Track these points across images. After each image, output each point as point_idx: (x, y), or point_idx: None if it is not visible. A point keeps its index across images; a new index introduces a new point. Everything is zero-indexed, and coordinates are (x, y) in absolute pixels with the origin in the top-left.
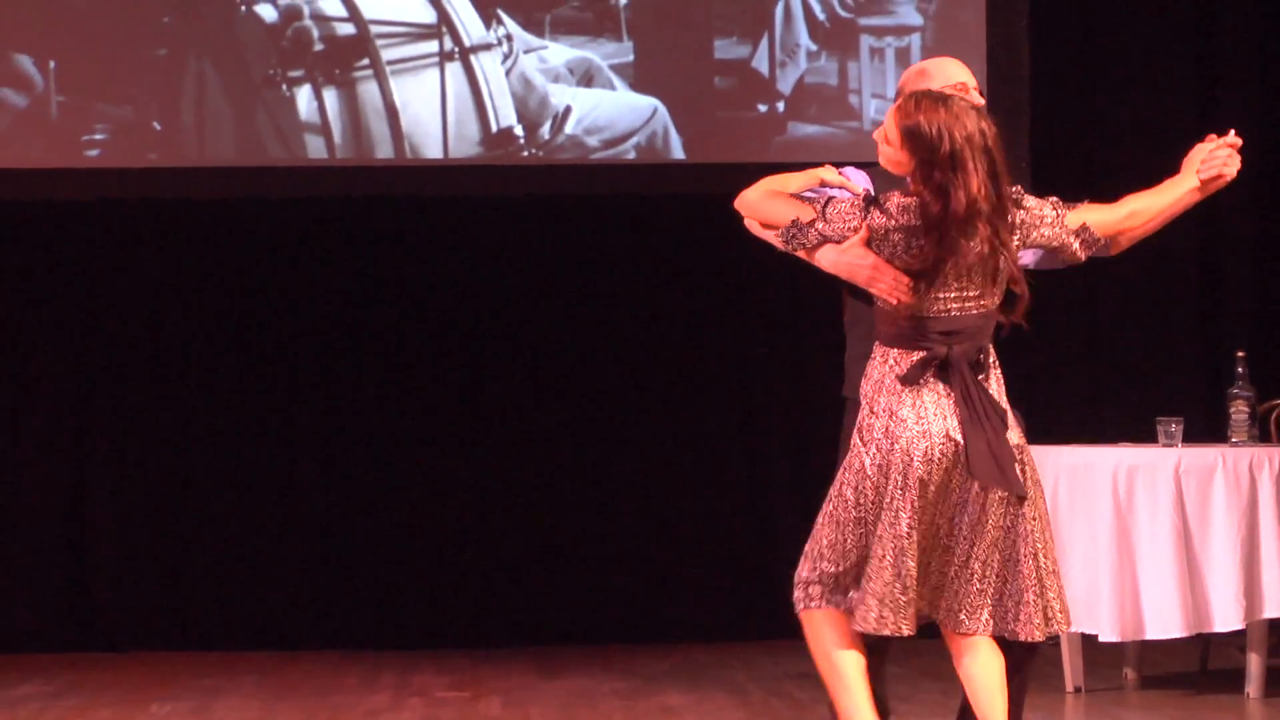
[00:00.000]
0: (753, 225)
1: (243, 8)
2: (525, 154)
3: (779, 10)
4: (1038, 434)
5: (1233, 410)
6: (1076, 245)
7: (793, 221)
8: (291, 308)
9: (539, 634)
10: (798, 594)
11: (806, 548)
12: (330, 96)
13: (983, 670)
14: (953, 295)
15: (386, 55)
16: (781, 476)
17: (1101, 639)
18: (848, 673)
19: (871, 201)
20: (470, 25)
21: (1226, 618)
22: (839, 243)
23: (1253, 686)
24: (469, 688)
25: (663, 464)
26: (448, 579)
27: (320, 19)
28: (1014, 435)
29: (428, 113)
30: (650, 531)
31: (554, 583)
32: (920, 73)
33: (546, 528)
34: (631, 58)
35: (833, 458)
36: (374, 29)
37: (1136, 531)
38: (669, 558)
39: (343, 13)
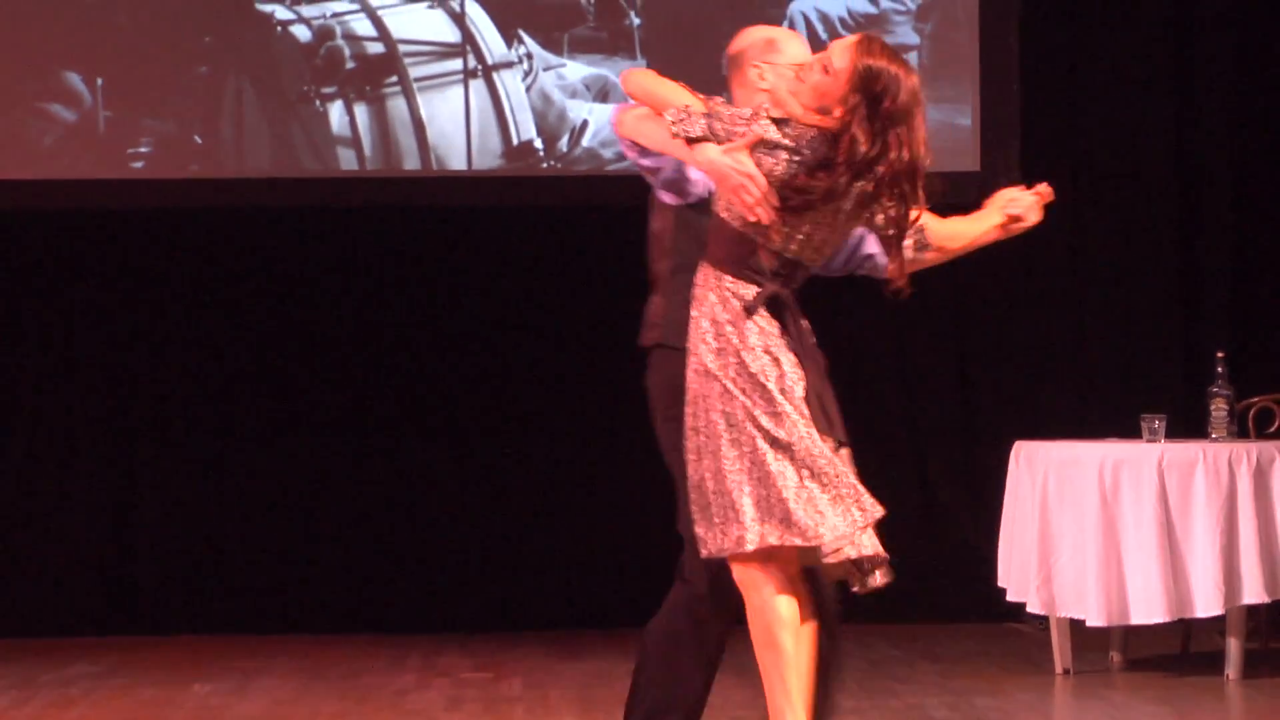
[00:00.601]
0: (638, 128)
1: (279, 28)
2: (544, 165)
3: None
4: (1029, 430)
5: (1213, 408)
6: (908, 242)
7: (685, 106)
8: (323, 310)
9: (558, 618)
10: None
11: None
12: (361, 111)
13: None
14: (802, 236)
15: (414, 73)
16: None
17: (1089, 623)
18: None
19: (773, 118)
20: (492, 44)
21: (1207, 603)
22: (721, 142)
23: (1232, 669)
24: (491, 669)
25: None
26: (472, 566)
27: (351, 38)
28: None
29: (453, 127)
30: (662, 523)
31: (572, 570)
32: (769, 42)
33: (566, 519)
34: None
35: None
36: (402, 48)
37: (1122, 522)
38: (680, 548)
39: (373, 33)
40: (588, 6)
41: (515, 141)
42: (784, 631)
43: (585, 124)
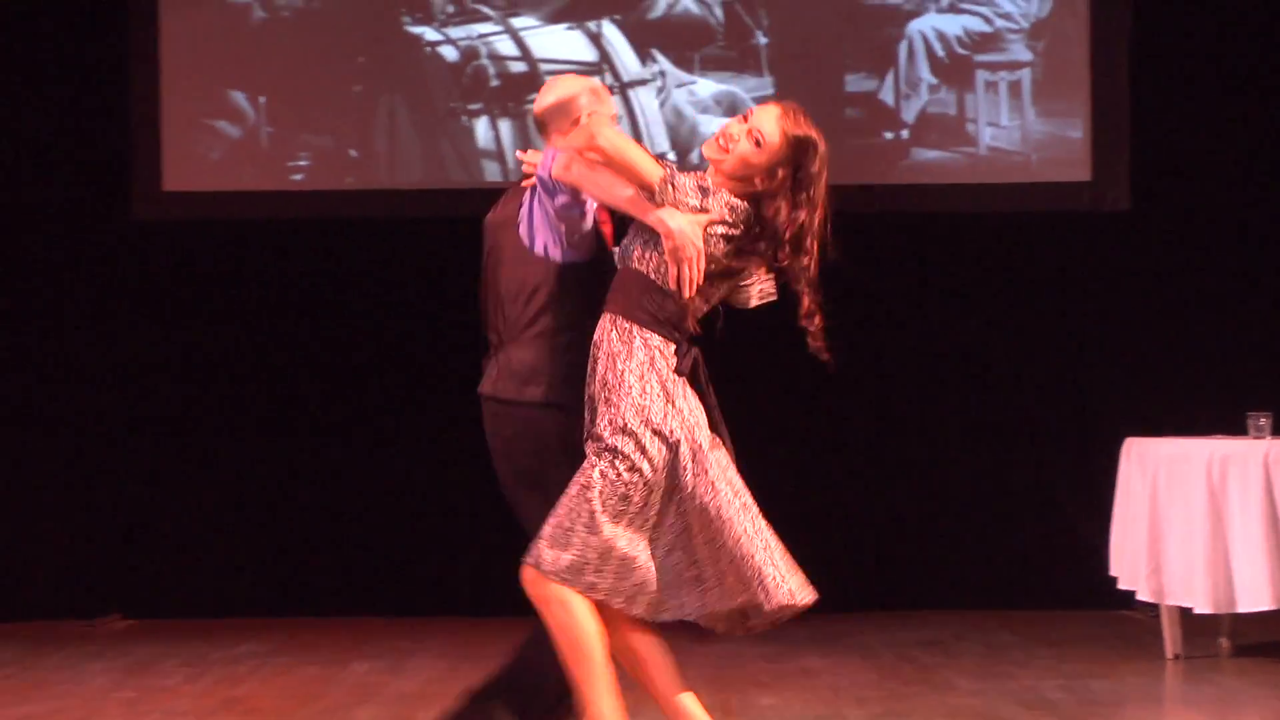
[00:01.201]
0: (591, 177)
1: (428, 49)
2: None
3: (903, 48)
4: (1140, 428)
5: None
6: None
7: (664, 178)
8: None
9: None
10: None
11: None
12: (504, 126)
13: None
14: (716, 298)
15: None
16: (900, 465)
17: (1196, 611)
18: (607, 666)
19: (704, 191)
20: (628, 63)
21: None
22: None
23: None
24: None
25: (787, 456)
26: None
27: (496, 58)
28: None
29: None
30: (786, 511)
31: None
32: (595, 91)
33: None
34: (771, 91)
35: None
36: (542, 66)
37: (1229, 514)
38: (805, 534)
39: (515, 52)
40: (717, 27)
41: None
42: (598, 644)
43: None
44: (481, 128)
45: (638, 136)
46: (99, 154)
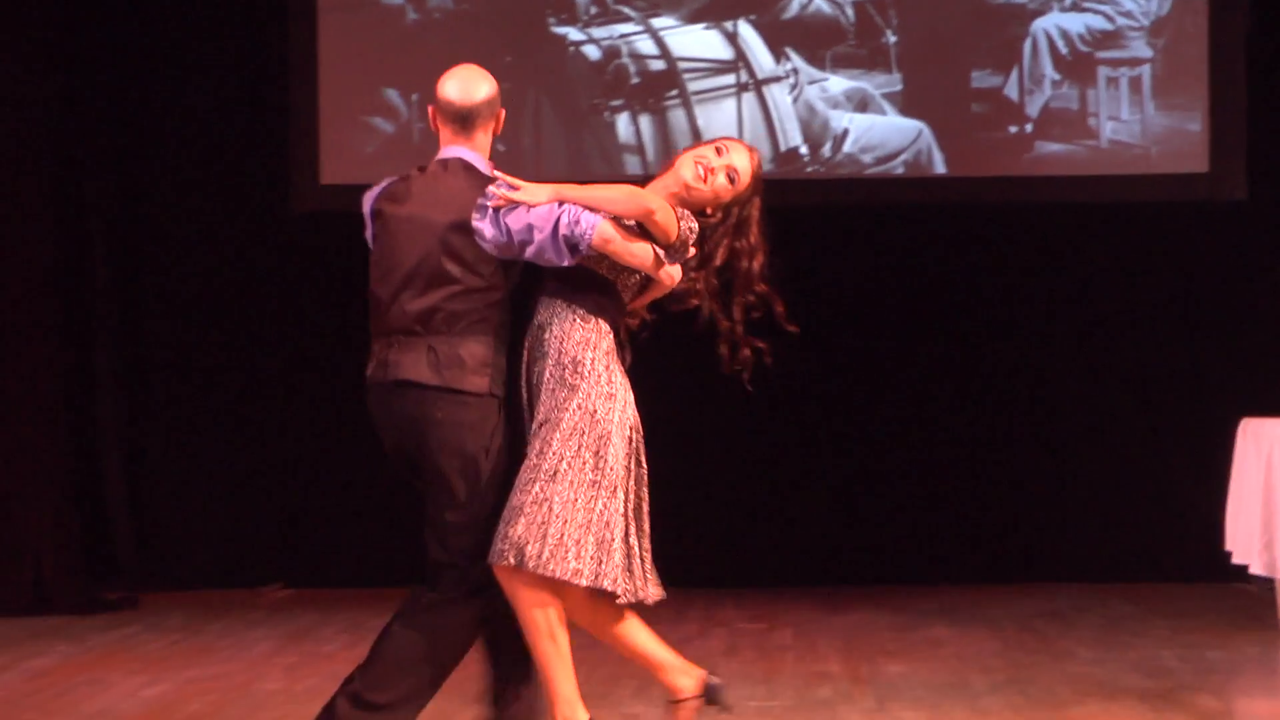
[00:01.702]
0: (628, 249)
1: (572, 49)
2: (809, 170)
3: (1027, 45)
4: (1256, 408)
5: None
6: None
7: (680, 238)
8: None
9: (825, 575)
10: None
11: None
12: (645, 122)
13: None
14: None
15: (692, 87)
16: (1026, 445)
17: None
18: (566, 650)
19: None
20: (762, 61)
21: None
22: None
23: None
24: (765, 620)
25: (925, 443)
26: (747, 528)
27: (636, 57)
28: None
29: (727, 135)
30: (918, 491)
31: (838, 532)
32: (494, 97)
33: (834, 486)
34: (900, 87)
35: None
36: (681, 65)
37: None
38: (937, 510)
39: (655, 51)
40: (848, 26)
41: (783, 148)
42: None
43: (846, 132)
44: (622, 123)
45: (770, 132)
46: (260, 149)
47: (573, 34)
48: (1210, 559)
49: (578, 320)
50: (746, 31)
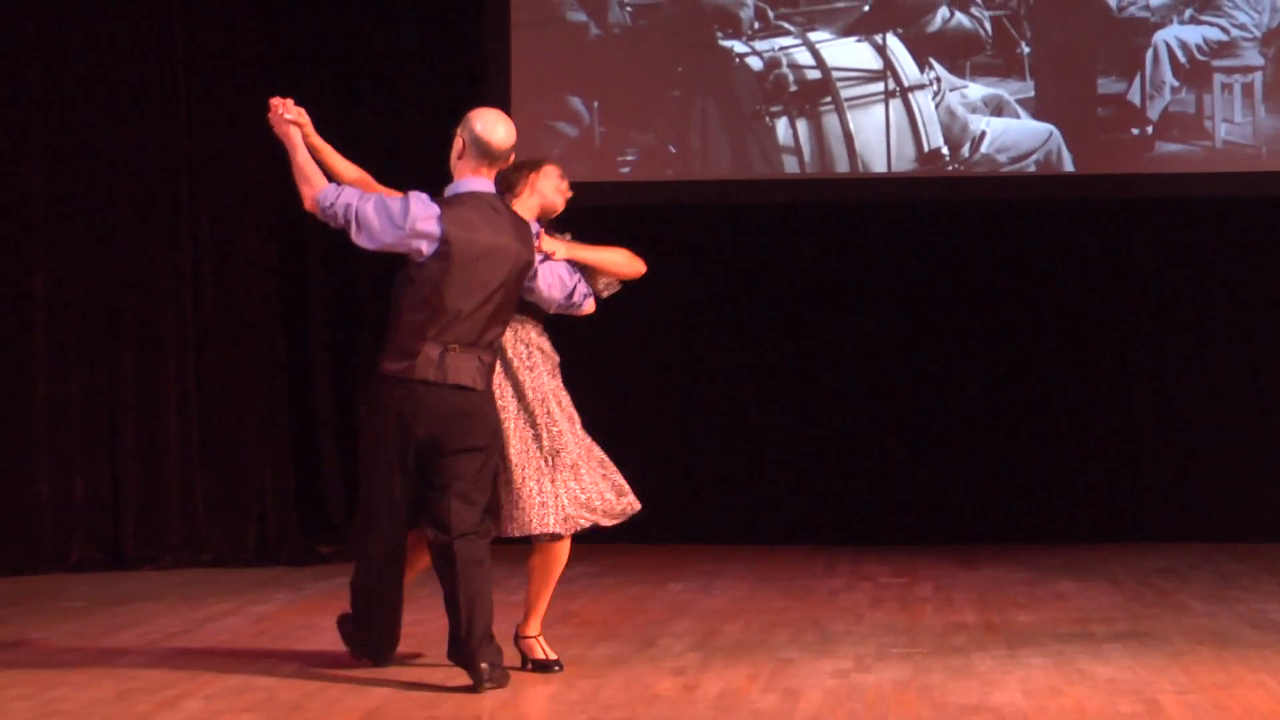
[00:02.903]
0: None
1: (737, 60)
2: (950, 168)
3: (1149, 55)
4: None
5: None
6: None
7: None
8: (771, 290)
9: (961, 534)
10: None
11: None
12: (801, 125)
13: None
14: None
15: (844, 94)
16: (1142, 414)
17: None
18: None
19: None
20: (908, 70)
21: None
22: None
23: None
24: (907, 575)
25: (1053, 413)
26: (891, 490)
27: (795, 67)
28: None
29: (875, 137)
30: (1047, 457)
31: (972, 494)
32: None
33: (970, 453)
34: (1033, 93)
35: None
36: (835, 74)
37: None
38: (1063, 475)
39: (811, 62)
40: (986, 38)
41: (926, 149)
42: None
43: (984, 134)
44: (781, 127)
45: (915, 135)
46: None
47: (738, 46)
48: None
49: (547, 342)
50: (894, 43)
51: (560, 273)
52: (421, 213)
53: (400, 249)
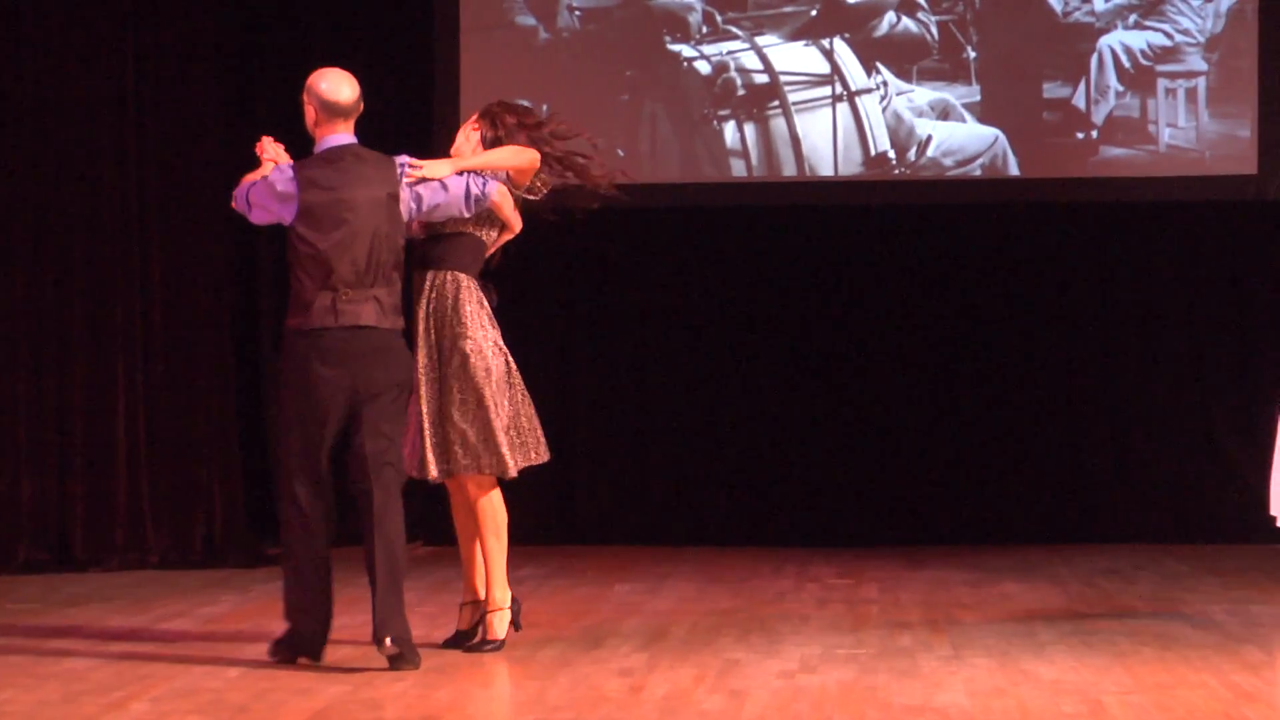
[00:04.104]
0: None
1: (685, 64)
2: (896, 172)
3: (1094, 60)
4: None
5: None
6: None
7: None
8: (717, 287)
9: (908, 535)
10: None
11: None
12: (749, 129)
13: None
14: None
15: (792, 98)
16: (1085, 416)
17: None
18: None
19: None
20: (855, 74)
21: None
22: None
23: None
24: (853, 576)
25: (999, 415)
26: (839, 491)
27: (742, 71)
28: None
29: (822, 141)
30: (991, 459)
31: (917, 496)
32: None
33: (917, 454)
34: (979, 98)
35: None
36: (782, 78)
37: None
38: (1009, 477)
39: (759, 66)
40: (933, 43)
41: (873, 153)
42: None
43: (930, 138)
44: (729, 130)
45: (862, 138)
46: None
47: (686, 51)
48: (1258, 523)
49: (456, 279)
50: (841, 48)
51: (446, 183)
52: (278, 181)
53: (274, 219)
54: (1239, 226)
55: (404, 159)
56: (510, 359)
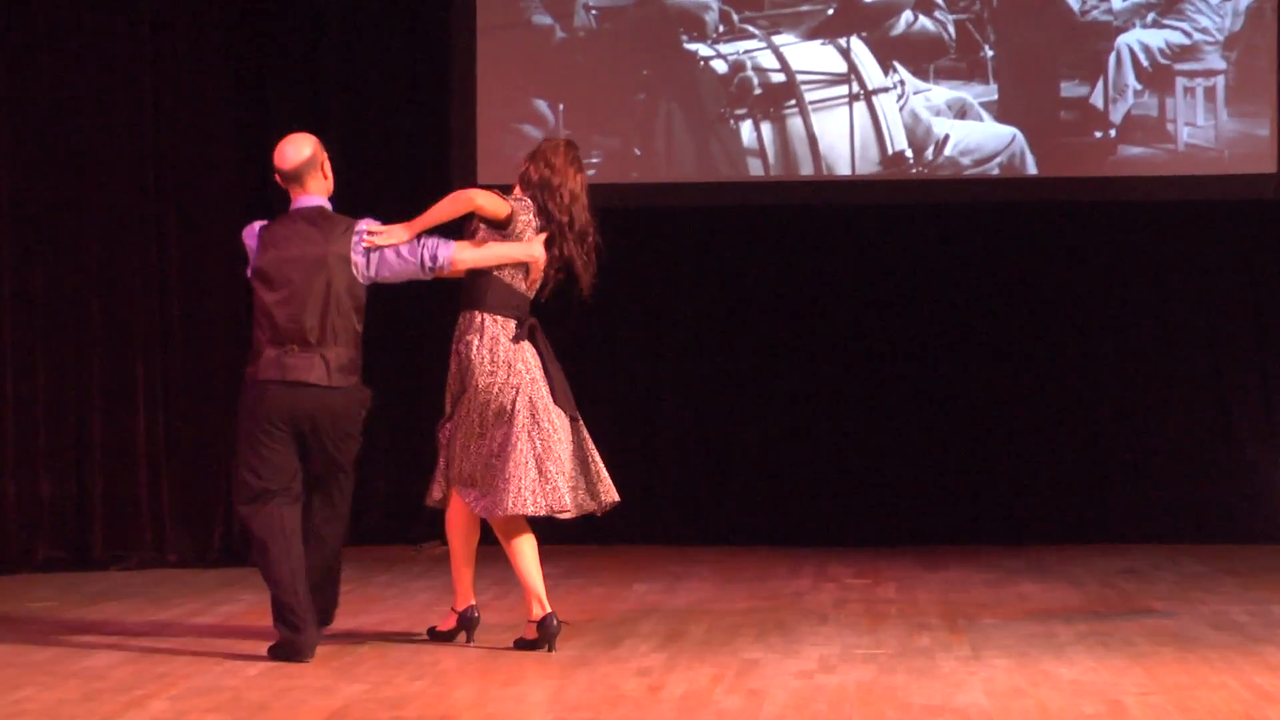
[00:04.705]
0: (482, 255)
1: (701, 63)
2: (914, 171)
3: (1112, 59)
4: None
5: None
6: None
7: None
8: (734, 292)
9: (925, 535)
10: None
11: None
12: (766, 128)
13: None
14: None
15: (808, 97)
16: (1105, 417)
17: None
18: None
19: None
20: (872, 73)
21: None
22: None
23: None
24: (870, 576)
25: (1016, 415)
26: (856, 491)
27: (759, 70)
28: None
29: (839, 140)
30: (1009, 459)
31: (935, 496)
32: (319, 145)
33: (934, 454)
34: (996, 96)
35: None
36: (799, 77)
37: None
38: (1026, 477)
39: (776, 65)
40: (950, 42)
41: (890, 152)
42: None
43: (947, 137)
44: (746, 130)
45: (879, 138)
46: (424, 154)
47: (702, 50)
48: (1277, 522)
49: (470, 318)
50: (858, 47)
51: (401, 249)
52: (248, 236)
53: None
54: (1258, 226)
55: (364, 224)
56: (530, 396)
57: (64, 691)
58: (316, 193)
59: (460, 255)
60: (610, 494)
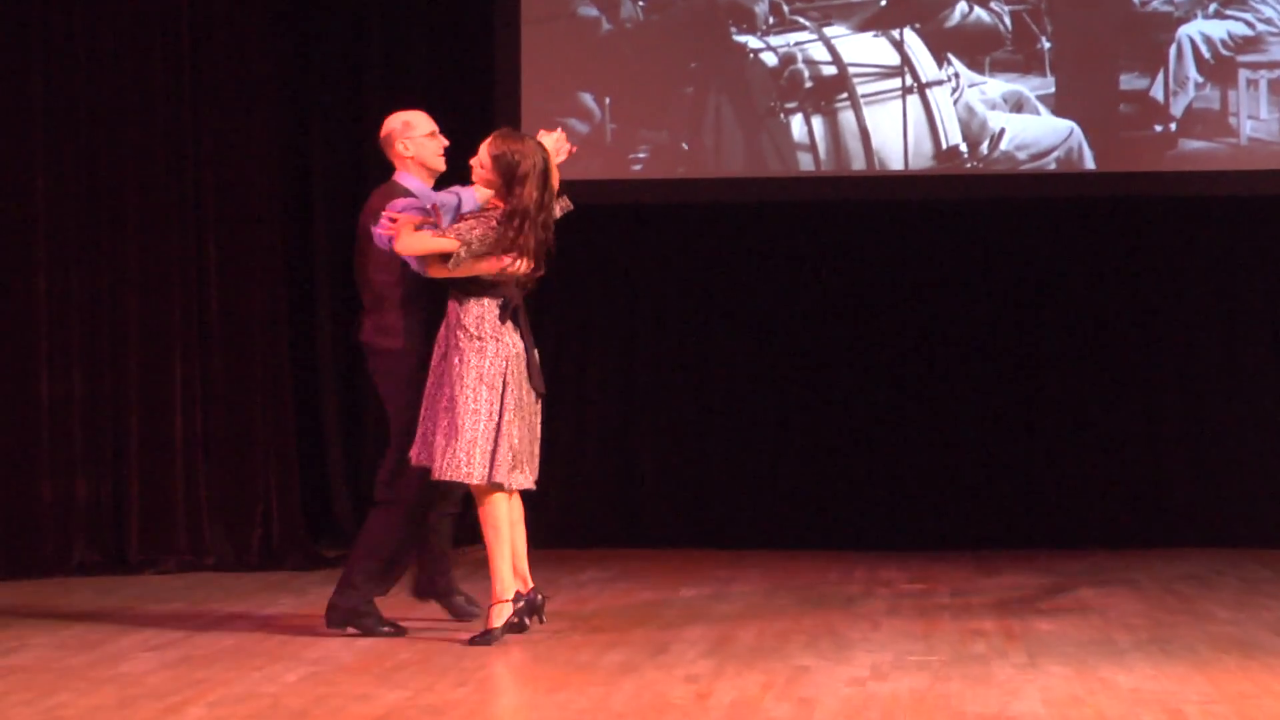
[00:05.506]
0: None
1: (751, 55)
2: (968, 166)
3: (1173, 50)
4: None
5: None
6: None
7: (458, 252)
8: (785, 291)
9: (980, 539)
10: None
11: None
12: (817, 122)
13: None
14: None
15: (860, 90)
16: (1166, 419)
17: None
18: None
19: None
20: (926, 66)
21: None
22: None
23: None
24: (924, 581)
25: (1074, 416)
26: (909, 494)
27: (810, 62)
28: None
29: (892, 134)
30: (1066, 461)
31: (992, 499)
32: (406, 123)
33: (990, 457)
34: (1053, 89)
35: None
36: (851, 70)
37: None
38: (1084, 480)
39: (827, 57)
40: (1005, 33)
41: (944, 146)
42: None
43: (1003, 131)
44: (796, 124)
45: (933, 132)
46: (469, 148)
47: (752, 42)
48: None
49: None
50: (911, 39)
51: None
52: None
53: None
54: None
55: (402, 203)
56: (507, 371)
57: (100, 698)
58: (404, 169)
59: (430, 266)
60: (531, 480)
